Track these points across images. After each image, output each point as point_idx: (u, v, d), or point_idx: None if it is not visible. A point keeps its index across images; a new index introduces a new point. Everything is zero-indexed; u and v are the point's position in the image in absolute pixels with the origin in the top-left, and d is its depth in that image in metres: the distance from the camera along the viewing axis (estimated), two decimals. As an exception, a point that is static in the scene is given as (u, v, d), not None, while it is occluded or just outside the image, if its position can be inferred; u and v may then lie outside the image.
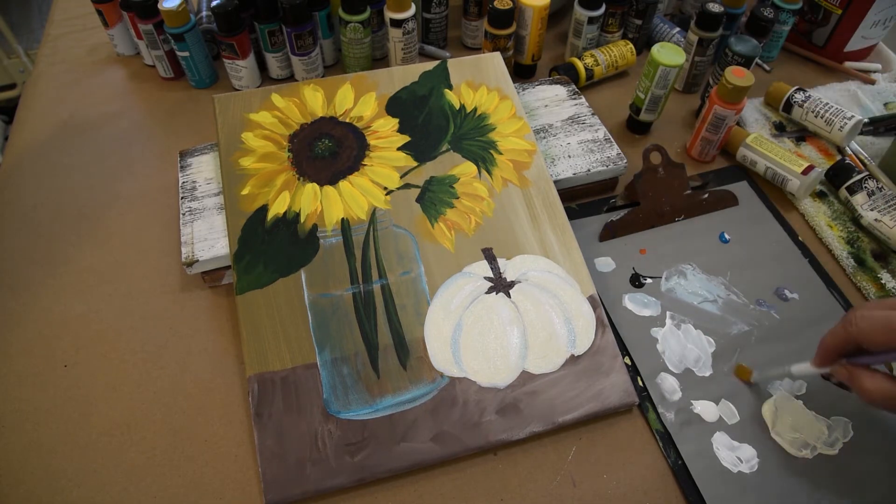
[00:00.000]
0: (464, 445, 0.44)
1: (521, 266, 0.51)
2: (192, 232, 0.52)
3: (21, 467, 0.44)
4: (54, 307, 0.52)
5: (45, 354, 0.49)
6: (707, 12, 0.66)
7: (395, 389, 0.46)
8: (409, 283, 0.50)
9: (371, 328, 0.48)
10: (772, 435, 0.47)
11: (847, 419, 0.47)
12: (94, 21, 0.78)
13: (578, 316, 0.50)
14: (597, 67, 0.71)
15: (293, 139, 0.56)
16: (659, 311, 0.53)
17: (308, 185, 0.53)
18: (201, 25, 0.69)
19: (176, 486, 0.43)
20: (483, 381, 0.47)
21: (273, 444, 0.43)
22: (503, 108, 0.60)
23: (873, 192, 0.59)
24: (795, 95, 0.67)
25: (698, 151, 0.65)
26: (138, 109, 0.69)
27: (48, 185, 0.61)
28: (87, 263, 0.55)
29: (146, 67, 0.74)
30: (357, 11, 0.66)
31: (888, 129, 0.69)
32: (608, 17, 0.72)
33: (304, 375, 0.46)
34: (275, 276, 0.49)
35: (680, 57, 0.60)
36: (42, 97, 0.70)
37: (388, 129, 0.57)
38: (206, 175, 0.57)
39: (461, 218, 0.53)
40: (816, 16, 0.75)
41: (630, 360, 0.50)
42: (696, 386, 0.49)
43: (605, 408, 0.46)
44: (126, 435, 0.46)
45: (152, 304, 0.53)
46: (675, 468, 0.45)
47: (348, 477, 0.43)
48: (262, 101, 0.58)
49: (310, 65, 0.69)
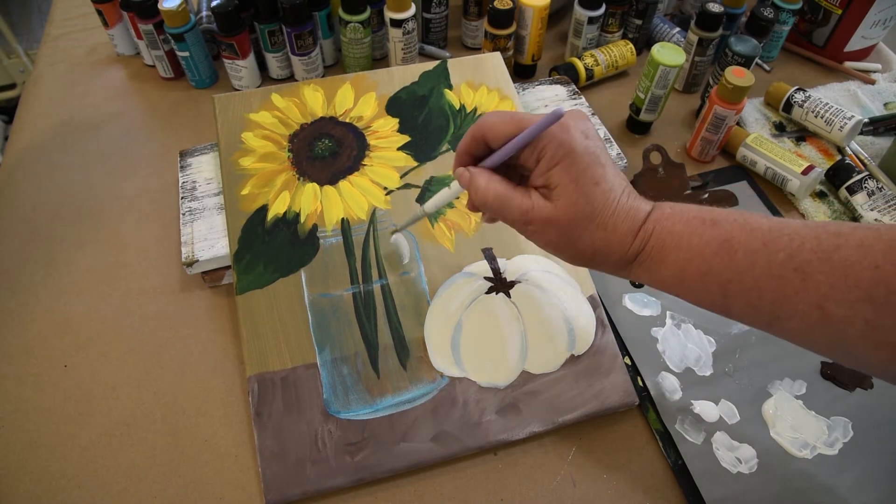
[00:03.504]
0: (464, 445, 0.44)
1: (521, 266, 0.51)
2: (192, 232, 0.52)
3: (21, 467, 0.44)
4: (54, 307, 0.52)
5: (45, 354, 0.49)
6: (707, 12, 0.66)
7: (395, 389, 0.46)
8: (409, 283, 0.50)
9: (371, 328, 0.48)
10: (772, 435, 0.47)
11: (847, 419, 0.47)
12: (94, 21, 0.78)
13: (578, 316, 0.50)
14: (597, 67, 0.71)
15: (293, 139, 0.56)
16: (659, 310, 0.53)
17: (308, 185, 0.53)
18: (201, 25, 0.69)
19: (176, 486, 0.43)
20: (483, 382, 0.47)
21: (273, 444, 0.43)
22: (503, 108, 0.60)
23: (873, 192, 0.59)
24: (795, 95, 0.67)
25: (698, 151, 0.65)
26: (138, 109, 0.69)
27: (48, 185, 0.61)
28: (87, 263, 0.55)
29: (146, 67, 0.74)
30: (357, 11, 0.66)
31: (888, 129, 0.69)
32: (608, 17, 0.72)
33: (304, 375, 0.46)
34: (275, 276, 0.49)
35: (680, 57, 0.60)
36: (42, 97, 0.70)
37: (388, 129, 0.57)
38: (206, 175, 0.57)
39: (461, 218, 0.53)
40: (816, 16, 0.75)
41: (630, 360, 0.50)
42: (697, 386, 0.49)
43: (605, 408, 0.46)
44: (126, 435, 0.46)
45: (152, 304, 0.53)
46: (675, 468, 0.45)
47: (348, 477, 0.43)
48: (262, 101, 0.58)
49: (310, 65, 0.69)
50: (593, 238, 0.35)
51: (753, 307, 0.32)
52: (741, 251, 0.31)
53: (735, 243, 0.32)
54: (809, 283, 0.29)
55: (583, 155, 0.34)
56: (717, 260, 0.32)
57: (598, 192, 0.34)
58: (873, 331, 0.28)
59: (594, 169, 0.34)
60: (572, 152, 0.34)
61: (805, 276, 0.29)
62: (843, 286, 0.28)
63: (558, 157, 0.34)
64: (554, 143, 0.34)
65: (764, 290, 0.31)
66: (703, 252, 0.33)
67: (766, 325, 0.32)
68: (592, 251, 0.35)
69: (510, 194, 0.36)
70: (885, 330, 0.27)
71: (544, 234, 0.36)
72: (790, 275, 0.30)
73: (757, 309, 0.32)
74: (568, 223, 0.34)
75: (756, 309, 0.32)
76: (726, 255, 0.32)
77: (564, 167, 0.34)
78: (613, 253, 0.35)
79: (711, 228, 0.33)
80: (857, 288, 0.28)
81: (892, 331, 0.27)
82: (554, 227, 0.35)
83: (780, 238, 0.31)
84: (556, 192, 0.34)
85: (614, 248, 0.35)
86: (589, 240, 0.35)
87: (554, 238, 0.36)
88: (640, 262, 0.35)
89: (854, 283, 0.28)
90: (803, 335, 0.31)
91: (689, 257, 0.33)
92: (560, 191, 0.34)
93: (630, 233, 0.35)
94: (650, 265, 0.35)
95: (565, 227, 0.35)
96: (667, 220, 0.35)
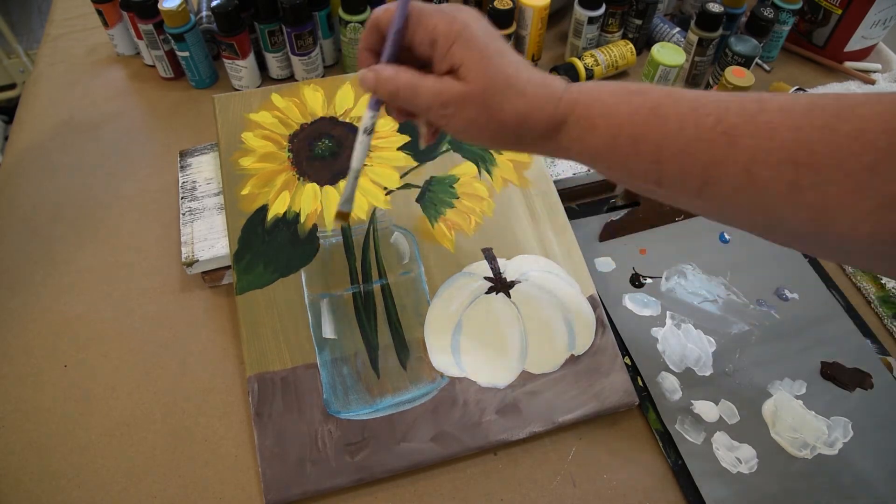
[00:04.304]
0: (464, 445, 0.44)
1: (521, 266, 0.51)
2: (192, 232, 0.52)
3: (21, 467, 0.44)
4: (54, 307, 0.52)
5: (45, 354, 0.49)
6: (707, 12, 0.66)
7: (395, 389, 0.46)
8: (409, 283, 0.50)
9: (371, 328, 0.48)
10: (772, 435, 0.47)
11: (847, 419, 0.47)
12: (94, 21, 0.78)
13: (578, 316, 0.50)
14: (597, 67, 0.71)
15: (293, 139, 0.56)
16: (659, 310, 0.53)
17: (308, 185, 0.53)
18: (201, 25, 0.69)
19: (176, 486, 0.43)
20: (483, 381, 0.47)
21: (273, 444, 0.43)
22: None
23: (873, 192, 0.59)
24: (795, 95, 0.67)
25: (698, 151, 0.65)
26: (138, 109, 0.69)
27: (48, 185, 0.61)
28: (87, 263, 0.55)
29: (146, 67, 0.74)
30: (357, 11, 0.66)
31: (888, 129, 0.69)
32: (608, 17, 0.72)
33: (304, 375, 0.46)
34: (275, 276, 0.49)
35: (680, 57, 0.60)
36: (42, 97, 0.70)
37: (388, 129, 0.57)
38: (206, 175, 0.57)
39: (461, 218, 0.53)
40: (816, 16, 0.75)
41: (630, 360, 0.50)
42: (697, 386, 0.49)
43: (605, 408, 0.46)
44: (126, 435, 0.46)
45: (152, 304, 0.53)
46: (675, 468, 0.45)
47: (348, 477, 0.43)
48: (262, 101, 0.58)
49: (310, 65, 0.69)
50: (515, 105, 0.34)
51: (685, 172, 0.31)
52: (671, 116, 0.31)
53: (664, 109, 0.32)
54: (737, 146, 0.29)
55: (478, 29, 0.33)
56: (647, 126, 0.32)
57: (505, 62, 0.33)
58: (796, 192, 0.28)
59: (496, 42, 0.34)
60: (467, 26, 0.33)
61: (732, 139, 0.29)
62: (768, 148, 0.28)
63: (454, 34, 0.33)
64: (445, 20, 0.33)
65: (695, 154, 0.31)
66: (633, 118, 0.32)
67: (696, 191, 0.32)
68: (517, 119, 0.34)
69: (419, 79, 0.34)
70: (806, 190, 0.27)
71: (462, 112, 0.34)
72: (719, 138, 0.30)
73: (688, 174, 0.31)
74: (485, 94, 0.33)
75: (687, 174, 0.31)
76: (656, 120, 0.32)
77: (464, 43, 0.33)
78: (539, 119, 0.34)
79: (639, 97, 0.33)
80: (780, 150, 0.28)
81: (812, 191, 0.27)
82: (472, 103, 0.34)
83: (706, 104, 0.31)
84: (464, 68, 0.33)
85: (538, 114, 0.34)
86: (511, 107, 0.34)
87: (473, 114, 0.34)
88: (568, 129, 0.34)
89: (778, 146, 0.28)
90: (730, 200, 0.31)
91: (620, 123, 0.33)
92: (468, 66, 0.33)
93: (551, 99, 0.34)
94: (580, 133, 0.34)
95: (483, 99, 0.33)
96: (591, 90, 0.34)
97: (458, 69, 0.34)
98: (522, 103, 0.34)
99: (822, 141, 0.27)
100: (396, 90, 0.35)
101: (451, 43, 0.33)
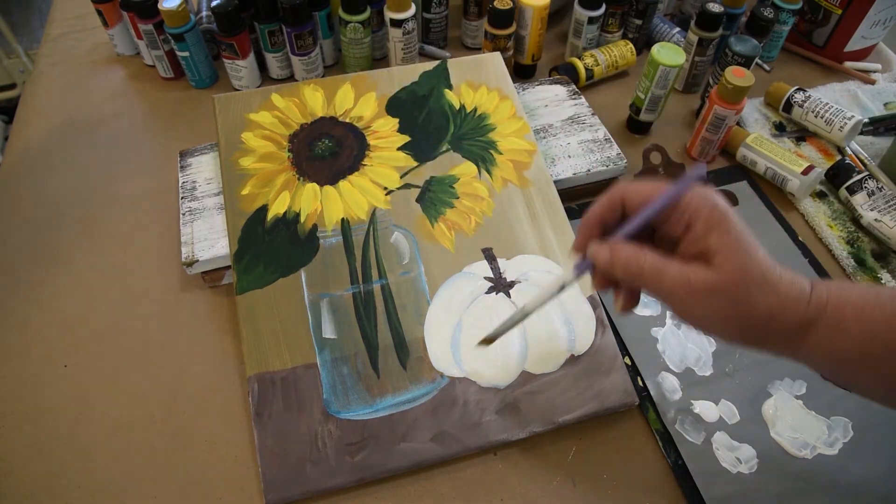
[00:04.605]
0: (464, 445, 0.44)
1: (521, 266, 0.51)
2: (192, 232, 0.52)
3: (21, 467, 0.44)
4: (54, 307, 0.52)
5: (45, 354, 0.49)
6: (707, 12, 0.66)
7: (395, 389, 0.46)
8: (409, 283, 0.50)
9: (371, 328, 0.48)
10: (772, 435, 0.47)
11: (847, 419, 0.47)
12: (94, 21, 0.78)
13: (578, 316, 0.50)
14: (597, 67, 0.71)
15: (293, 139, 0.56)
16: (659, 310, 0.53)
17: (308, 185, 0.53)
18: (201, 25, 0.69)
19: (176, 486, 0.43)
20: (483, 381, 0.47)
21: (273, 444, 0.43)
22: (503, 108, 0.60)
23: (873, 192, 0.59)
24: (795, 95, 0.67)
25: (698, 151, 0.65)
26: (138, 109, 0.69)
27: (48, 185, 0.61)
28: (87, 263, 0.55)
29: (146, 67, 0.74)
30: (357, 11, 0.66)
31: (888, 129, 0.69)
32: (608, 17, 0.72)
33: (304, 375, 0.46)
34: (275, 276, 0.49)
35: (680, 57, 0.60)
36: (42, 97, 0.70)
37: (388, 129, 0.57)
38: (206, 175, 0.57)
39: (461, 218, 0.53)
40: (816, 16, 0.75)
41: (630, 360, 0.50)
42: (697, 386, 0.49)
43: (605, 408, 0.46)
44: (126, 435, 0.46)
45: (152, 304, 0.53)
46: (675, 468, 0.45)
47: (348, 477, 0.43)
48: (262, 101, 0.58)
49: (310, 65, 0.69)
50: (768, 301, 0.31)
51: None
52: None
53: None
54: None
55: (736, 218, 0.32)
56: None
57: (761, 256, 0.32)
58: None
59: (749, 234, 0.32)
60: (728, 214, 0.32)
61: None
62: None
63: (715, 220, 0.31)
64: (708, 205, 0.32)
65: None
66: (890, 322, 0.31)
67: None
68: (768, 317, 0.32)
69: (665, 263, 0.32)
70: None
71: (710, 302, 0.32)
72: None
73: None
74: (738, 288, 0.31)
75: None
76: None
77: (724, 230, 0.31)
78: (788, 319, 0.32)
79: (891, 302, 0.31)
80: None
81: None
82: (723, 294, 0.31)
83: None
84: (720, 257, 0.31)
85: (789, 314, 0.32)
86: (764, 303, 0.31)
87: (722, 307, 0.32)
88: (817, 332, 0.32)
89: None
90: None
91: (874, 330, 0.31)
92: (724, 256, 0.31)
93: (801, 299, 0.32)
94: (829, 336, 0.32)
95: (735, 293, 0.31)
96: (840, 290, 0.32)
97: (712, 257, 0.32)
98: (775, 300, 0.32)
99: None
100: (640, 272, 0.33)
101: (710, 229, 0.32)
